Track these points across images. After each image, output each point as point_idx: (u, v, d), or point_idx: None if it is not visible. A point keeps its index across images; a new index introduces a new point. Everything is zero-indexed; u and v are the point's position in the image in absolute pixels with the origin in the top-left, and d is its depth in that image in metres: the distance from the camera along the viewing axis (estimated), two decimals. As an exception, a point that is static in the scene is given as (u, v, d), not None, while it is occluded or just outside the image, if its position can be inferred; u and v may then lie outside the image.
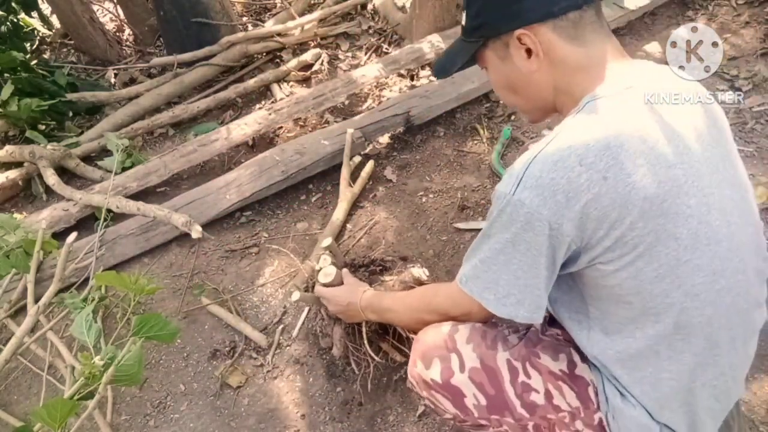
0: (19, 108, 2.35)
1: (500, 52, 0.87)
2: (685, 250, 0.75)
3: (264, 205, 2.10)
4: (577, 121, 0.77)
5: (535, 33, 0.81)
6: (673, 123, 0.78)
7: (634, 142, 0.73)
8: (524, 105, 0.94)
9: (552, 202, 0.73)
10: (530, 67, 0.84)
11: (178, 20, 2.84)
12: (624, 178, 0.71)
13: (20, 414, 1.57)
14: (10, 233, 1.69)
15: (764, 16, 2.46)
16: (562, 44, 0.81)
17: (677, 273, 0.76)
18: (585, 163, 0.72)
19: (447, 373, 0.96)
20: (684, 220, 0.74)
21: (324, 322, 1.40)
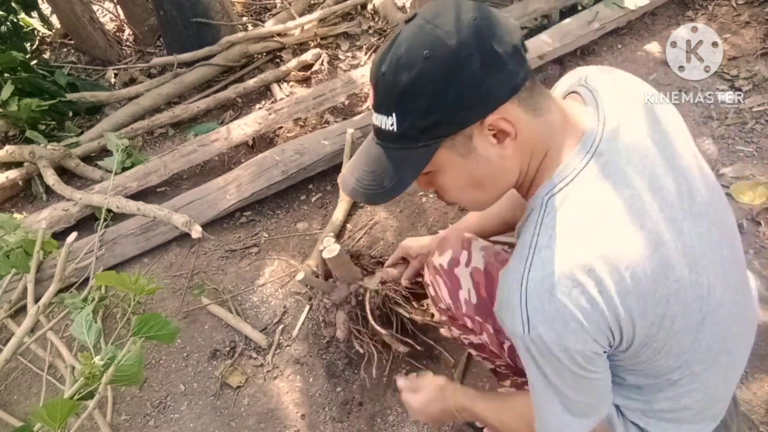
0: (19, 108, 2.35)
1: (461, 148, 0.72)
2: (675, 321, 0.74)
3: (264, 205, 2.10)
4: (545, 234, 0.71)
5: (505, 113, 0.69)
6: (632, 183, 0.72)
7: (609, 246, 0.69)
8: (484, 197, 0.81)
9: (568, 331, 0.69)
10: (504, 153, 0.72)
11: (178, 20, 2.84)
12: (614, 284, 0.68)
13: (20, 414, 1.57)
14: (10, 233, 1.69)
15: (764, 16, 2.46)
16: (527, 118, 0.71)
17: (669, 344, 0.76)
18: (577, 284, 0.67)
19: (454, 262, 1.08)
20: (674, 297, 0.72)
21: (326, 310, 1.41)
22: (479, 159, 0.73)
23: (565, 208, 0.71)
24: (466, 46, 0.66)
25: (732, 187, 1.81)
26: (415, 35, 0.69)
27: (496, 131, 0.70)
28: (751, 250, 1.64)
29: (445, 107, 0.69)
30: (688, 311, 0.74)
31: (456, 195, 0.81)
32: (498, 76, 0.68)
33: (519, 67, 0.69)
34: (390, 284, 1.36)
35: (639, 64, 2.39)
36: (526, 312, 0.69)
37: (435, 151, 0.72)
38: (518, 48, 0.70)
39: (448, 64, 0.67)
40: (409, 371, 1.49)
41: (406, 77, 0.68)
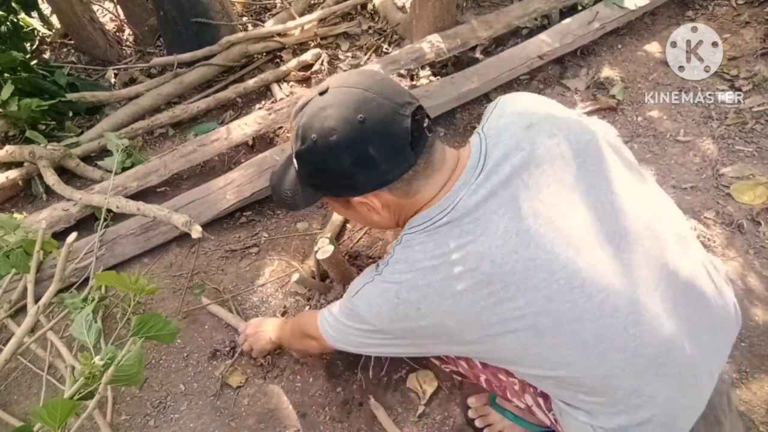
0: (19, 108, 2.35)
1: (342, 202, 0.93)
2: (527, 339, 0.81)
3: (264, 205, 2.10)
4: (394, 258, 0.88)
5: (375, 197, 0.86)
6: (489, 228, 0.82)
7: (438, 279, 0.82)
8: (373, 227, 1.08)
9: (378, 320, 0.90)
10: (372, 218, 0.92)
11: (178, 20, 2.84)
12: (435, 308, 0.83)
13: (20, 414, 1.57)
14: (10, 233, 1.69)
15: (764, 16, 2.46)
16: (398, 200, 0.87)
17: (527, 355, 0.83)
18: (401, 297, 0.85)
19: None
20: (514, 321, 0.80)
21: None
22: (357, 213, 0.93)
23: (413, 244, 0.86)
24: (343, 145, 0.80)
25: (732, 187, 1.81)
26: (313, 115, 0.83)
27: (366, 206, 0.88)
28: (752, 250, 1.64)
29: (322, 181, 0.88)
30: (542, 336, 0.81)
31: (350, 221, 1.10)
32: (367, 174, 0.82)
33: (393, 167, 0.82)
34: None
35: (639, 64, 2.39)
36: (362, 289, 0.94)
37: (319, 199, 0.96)
38: (398, 152, 0.82)
39: (325, 154, 0.82)
40: (408, 371, 1.49)
41: (300, 144, 0.85)
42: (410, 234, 0.87)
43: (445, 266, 0.82)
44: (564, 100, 2.34)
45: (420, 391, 1.45)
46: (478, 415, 1.35)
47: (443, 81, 2.35)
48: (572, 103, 2.30)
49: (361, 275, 0.97)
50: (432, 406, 1.43)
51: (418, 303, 0.84)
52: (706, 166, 1.92)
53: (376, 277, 0.90)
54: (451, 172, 0.89)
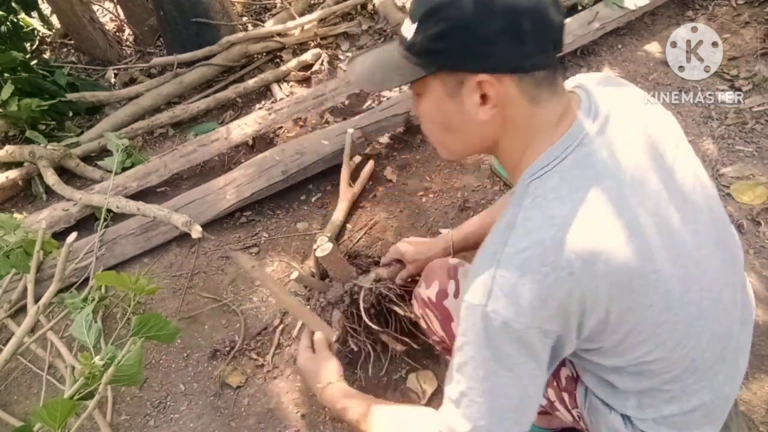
0: (19, 108, 2.35)
1: (450, 88, 0.75)
2: (660, 312, 0.74)
3: (264, 205, 2.10)
4: (524, 215, 0.72)
5: (499, 83, 0.71)
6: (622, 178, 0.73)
7: (584, 234, 0.69)
8: (451, 145, 0.85)
9: (528, 309, 0.68)
10: (480, 115, 0.74)
11: (178, 20, 2.84)
12: (587, 269, 0.68)
13: (20, 414, 1.57)
14: (10, 233, 1.69)
15: (764, 16, 2.46)
16: (520, 102, 0.74)
17: (657, 333, 0.76)
18: (548, 263, 0.68)
19: (441, 294, 1.05)
20: (653, 287, 0.72)
21: (322, 309, 1.42)
22: (460, 107, 0.76)
23: (545, 192, 0.72)
24: (500, 7, 0.69)
25: (732, 187, 1.81)
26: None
27: (483, 92, 0.73)
28: (752, 250, 1.64)
29: (452, 43, 0.72)
30: (675, 303, 0.74)
31: (429, 127, 0.85)
32: (510, 48, 0.70)
33: (535, 54, 0.71)
34: (384, 282, 1.37)
35: (639, 64, 2.39)
36: (492, 285, 0.70)
37: (427, 74, 0.76)
38: (546, 41, 0.72)
39: (474, 11, 0.69)
40: (409, 371, 1.49)
41: None
42: (537, 179, 0.74)
43: (599, 209, 0.71)
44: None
45: (420, 391, 1.45)
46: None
47: (443, 81, 2.35)
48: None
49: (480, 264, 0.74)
50: (432, 406, 1.43)
51: (569, 266, 0.68)
52: (706, 166, 1.92)
53: (503, 256, 0.71)
54: (565, 109, 0.77)
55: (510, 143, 0.78)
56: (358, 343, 1.38)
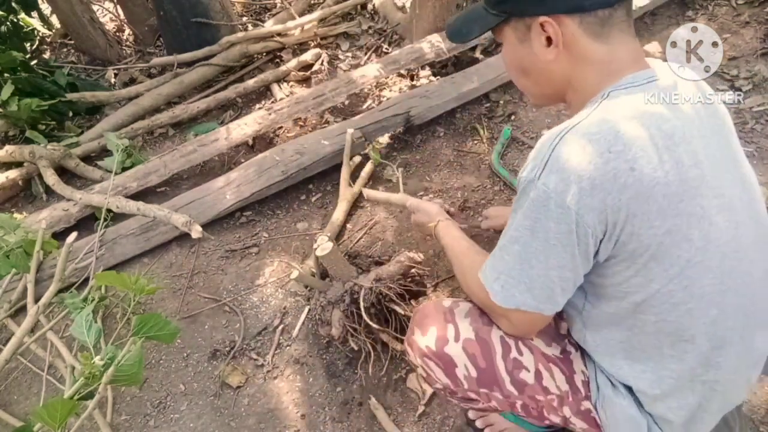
0: (19, 108, 2.35)
1: (520, 33, 0.84)
2: (696, 251, 0.74)
3: (264, 205, 2.10)
4: (604, 107, 0.75)
5: (559, 23, 0.77)
6: (689, 122, 0.77)
7: (662, 137, 0.72)
8: (532, 89, 0.92)
9: (576, 189, 0.70)
10: (547, 56, 0.81)
11: (178, 20, 2.84)
12: (650, 172, 0.70)
13: (20, 414, 1.57)
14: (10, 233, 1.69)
15: (764, 16, 2.46)
16: (585, 40, 0.78)
17: (686, 274, 0.75)
18: (614, 150, 0.70)
19: (441, 341, 0.99)
20: (697, 221, 0.73)
21: (322, 308, 1.42)
22: (530, 51, 0.83)
23: (625, 100, 0.75)
24: None
25: (732, 187, 1.81)
26: None
27: (547, 34, 0.79)
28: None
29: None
30: (712, 248, 0.75)
31: (511, 74, 0.94)
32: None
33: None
34: (384, 282, 1.37)
35: (639, 64, 2.39)
36: (548, 158, 0.73)
37: (499, 21, 0.85)
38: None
39: None
40: (409, 371, 1.49)
41: None
42: (619, 90, 0.77)
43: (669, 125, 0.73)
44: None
45: (420, 391, 1.45)
46: (478, 416, 1.35)
47: (443, 81, 2.35)
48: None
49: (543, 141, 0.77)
50: (432, 406, 1.43)
51: (634, 160, 0.69)
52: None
53: (569, 133, 0.73)
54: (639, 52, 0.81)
55: (583, 79, 0.81)
56: (358, 343, 1.38)
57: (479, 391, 0.98)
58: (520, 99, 2.38)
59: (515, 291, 0.82)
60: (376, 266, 1.47)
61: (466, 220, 1.40)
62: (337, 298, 1.39)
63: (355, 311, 1.36)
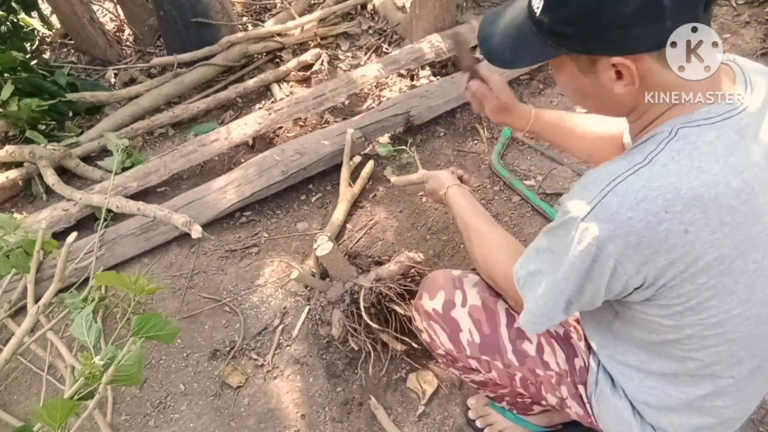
0: (19, 108, 2.35)
1: (583, 65, 0.73)
2: (738, 303, 0.72)
3: (264, 205, 2.10)
4: (668, 155, 0.67)
5: (635, 61, 0.67)
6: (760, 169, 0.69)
7: (728, 196, 0.66)
8: (592, 107, 0.83)
9: (622, 242, 0.67)
10: (617, 89, 0.71)
11: (178, 20, 2.84)
12: (706, 235, 0.66)
13: (20, 414, 1.57)
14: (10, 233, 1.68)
15: (764, 16, 2.46)
16: (662, 72, 0.69)
17: (723, 324, 0.73)
18: (671, 210, 0.65)
19: (449, 305, 1.01)
20: (747, 276, 0.70)
21: (322, 308, 1.42)
22: (595, 81, 0.73)
23: (699, 143, 0.67)
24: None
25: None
26: None
27: (617, 69, 0.69)
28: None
29: (582, 27, 0.68)
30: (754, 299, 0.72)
31: (567, 93, 0.83)
32: (648, 28, 0.65)
33: (680, 24, 0.65)
34: (384, 282, 1.37)
35: (639, 64, 2.39)
36: (598, 203, 0.68)
37: (557, 55, 0.73)
38: (691, 9, 0.65)
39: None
40: (409, 371, 1.49)
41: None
42: (689, 128, 0.68)
43: (738, 180, 0.66)
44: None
45: (420, 391, 1.45)
46: (478, 416, 1.35)
47: (443, 81, 2.35)
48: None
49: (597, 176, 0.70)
50: (432, 406, 1.43)
51: (691, 223, 0.65)
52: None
53: (625, 181, 0.67)
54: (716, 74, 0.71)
55: (650, 107, 0.73)
56: (358, 343, 1.38)
57: (480, 359, 1.00)
58: (520, 99, 2.38)
59: (539, 319, 0.81)
60: (376, 266, 1.47)
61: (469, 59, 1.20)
62: (337, 298, 1.39)
63: (355, 311, 1.36)
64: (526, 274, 0.83)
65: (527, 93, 2.40)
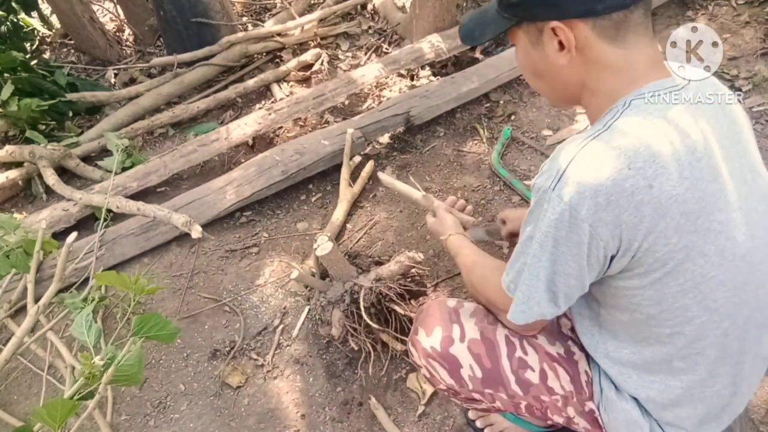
0: (19, 108, 2.35)
1: (532, 37, 0.81)
2: (711, 266, 0.74)
3: (264, 205, 2.10)
4: (625, 120, 0.72)
5: (571, 28, 0.74)
6: (710, 133, 0.75)
7: (684, 153, 0.70)
8: (547, 92, 0.89)
9: (592, 203, 0.69)
10: (560, 60, 0.78)
11: (178, 20, 2.84)
12: (669, 189, 0.69)
13: (20, 414, 1.57)
14: (10, 233, 1.69)
15: (764, 16, 2.46)
16: (599, 44, 0.75)
17: (700, 289, 0.75)
18: (634, 167, 0.68)
19: (447, 341, 0.98)
20: (714, 236, 0.73)
21: (322, 308, 1.42)
22: (542, 54, 0.80)
23: (650, 110, 0.73)
24: None
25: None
26: None
27: (559, 38, 0.76)
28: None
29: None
30: (726, 264, 0.74)
31: (525, 75, 0.90)
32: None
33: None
34: (384, 282, 1.37)
35: (639, 64, 2.39)
36: (566, 170, 0.71)
37: (511, 25, 0.82)
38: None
39: None
40: (409, 371, 1.49)
41: None
42: (640, 99, 0.74)
43: (691, 139, 0.71)
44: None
45: (420, 391, 1.45)
46: (478, 416, 1.35)
47: (443, 81, 2.35)
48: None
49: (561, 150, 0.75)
50: (432, 406, 1.43)
51: (654, 178, 0.69)
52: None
53: (591, 141, 0.72)
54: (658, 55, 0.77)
55: (599, 84, 0.78)
56: (358, 343, 1.39)
57: (484, 392, 0.98)
58: (520, 99, 2.38)
59: (528, 306, 0.82)
60: (376, 266, 1.47)
61: (485, 226, 1.39)
62: (337, 298, 1.39)
63: (355, 311, 1.36)
64: (513, 275, 0.83)
65: (527, 93, 2.40)
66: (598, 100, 0.80)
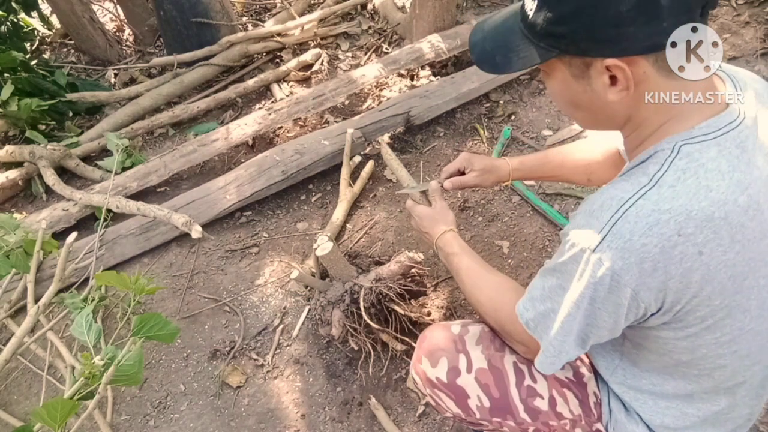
0: (19, 108, 2.35)
1: (576, 70, 0.71)
2: (750, 320, 0.72)
3: (264, 205, 2.10)
4: (674, 175, 0.65)
5: (628, 64, 0.65)
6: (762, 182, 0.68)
7: (737, 214, 0.65)
8: (583, 121, 0.80)
9: (637, 269, 0.65)
10: (609, 96, 0.69)
11: (178, 20, 2.84)
12: (719, 255, 0.65)
13: (20, 414, 1.57)
14: (10, 233, 1.69)
15: (764, 16, 2.46)
16: (658, 79, 0.67)
17: (737, 341, 0.73)
18: (684, 233, 0.63)
19: (453, 373, 0.94)
20: (757, 291, 0.70)
21: (322, 308, 1.42)
22: (588, 88, 0.71)
23: (703, 160, 0.66)
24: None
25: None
26: None
27: (612, 73, 0.67)
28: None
29: (576, 26, 0.65)
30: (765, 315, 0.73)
31: (558, 104, 0.80)
32: (643, 28, 0.63)
33: (677, 26, 0.63)
34: (384, 282, 1.37)
35: (639, 64, 2.39)
36: (609, 232, 0.66)
37: (549, 58, 0.71)
38: (689, 11, 0.63)
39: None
40: (409, 371, 1.49)
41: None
42: (691, 144, 0.66)
43: (745, 196, 0.65)
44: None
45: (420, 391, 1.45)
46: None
47: (443, 81, 2.35)
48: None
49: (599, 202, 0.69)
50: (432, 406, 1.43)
51: (704, 244, 0.63)
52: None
53: (634, 206, 0.65)
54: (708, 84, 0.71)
55: (646, 119, 0.71)
56: (358, 343, 1.38)
57: (491, 420, 0.96)
58: (520, 99, 2.38)
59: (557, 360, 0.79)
60: (376, 266, 1.47)
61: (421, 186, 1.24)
62: (337, 298, 1.39)
63: (355, 311, 1.36)
64: (535, 315, 0.79)
65: (527, 93, 2.40)
66: (642, 134, 0.73)
